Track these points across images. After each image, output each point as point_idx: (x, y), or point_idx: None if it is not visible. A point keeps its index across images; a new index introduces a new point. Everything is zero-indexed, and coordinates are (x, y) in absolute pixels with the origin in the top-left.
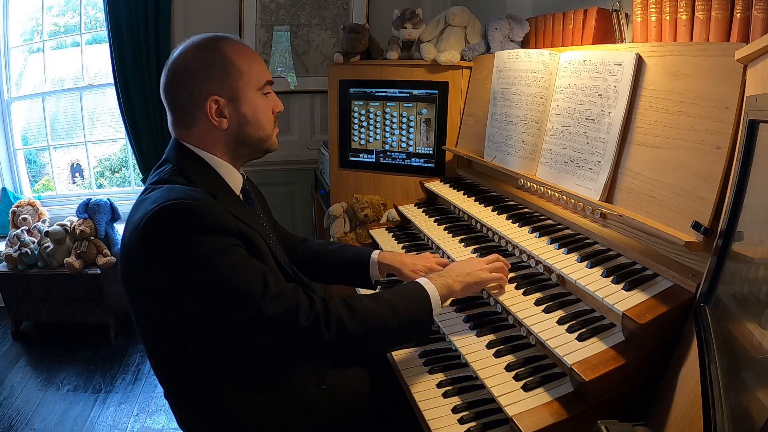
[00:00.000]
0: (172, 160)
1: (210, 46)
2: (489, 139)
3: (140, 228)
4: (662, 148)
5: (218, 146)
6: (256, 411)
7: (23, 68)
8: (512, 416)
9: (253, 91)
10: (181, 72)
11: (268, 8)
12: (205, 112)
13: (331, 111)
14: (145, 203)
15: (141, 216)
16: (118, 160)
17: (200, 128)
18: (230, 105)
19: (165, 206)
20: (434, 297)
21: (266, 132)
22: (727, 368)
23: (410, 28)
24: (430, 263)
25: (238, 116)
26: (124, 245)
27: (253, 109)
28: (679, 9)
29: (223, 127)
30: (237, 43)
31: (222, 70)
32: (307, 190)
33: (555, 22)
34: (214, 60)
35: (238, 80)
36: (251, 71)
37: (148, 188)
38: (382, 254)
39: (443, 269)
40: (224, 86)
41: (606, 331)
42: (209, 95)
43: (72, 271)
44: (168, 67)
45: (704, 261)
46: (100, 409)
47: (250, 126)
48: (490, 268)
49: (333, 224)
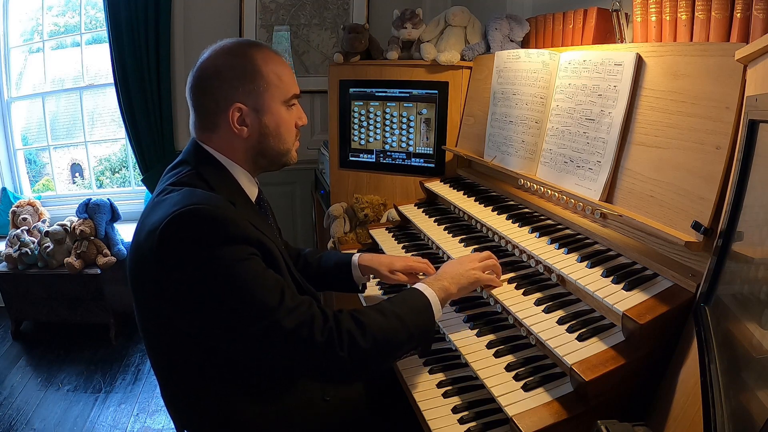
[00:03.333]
0: (191, 162)
1: (241, 53)
2: (489, 139)
3: (159, 231)
4: (662, 148)
5: (238, 153)
6: (258, 418)
7: (23, 68)
8: (512, 416)
9: (278, 103)
10: (209, 76)
11: (268, 8)
12: (228, 119)
13: (331, 111)
14: (164, 205)
15: (160, 218)
16: (118, 160)
17: (221, 134)
18: (253, 114)
19: (186, 211)
20: (435, 304)
21: (286, 145)
22: (727, 368)
23: (410, 28)
24: (408, 261)
25: (260, 126)
26: (137, 245)
27: (276, 121)
28: (679, 9)
29: (244, 135)
30: (269, 52)
31: (250, 80)
32: (307, 190)
33: (555, 22)
34: (243, 68)
35: (265, 91)
36: (279, 83)
37: (165, 189)
38: (361, 256)
39: (437, 272)
40: (250, 96)
41: (606, 331)
42: (234, 102)
43: (72, 271)
44: (196, 68)
45: (704, 261)
46: (100, 409)
47: (271, 138)
48: (482, 267)
49: (333, 224)
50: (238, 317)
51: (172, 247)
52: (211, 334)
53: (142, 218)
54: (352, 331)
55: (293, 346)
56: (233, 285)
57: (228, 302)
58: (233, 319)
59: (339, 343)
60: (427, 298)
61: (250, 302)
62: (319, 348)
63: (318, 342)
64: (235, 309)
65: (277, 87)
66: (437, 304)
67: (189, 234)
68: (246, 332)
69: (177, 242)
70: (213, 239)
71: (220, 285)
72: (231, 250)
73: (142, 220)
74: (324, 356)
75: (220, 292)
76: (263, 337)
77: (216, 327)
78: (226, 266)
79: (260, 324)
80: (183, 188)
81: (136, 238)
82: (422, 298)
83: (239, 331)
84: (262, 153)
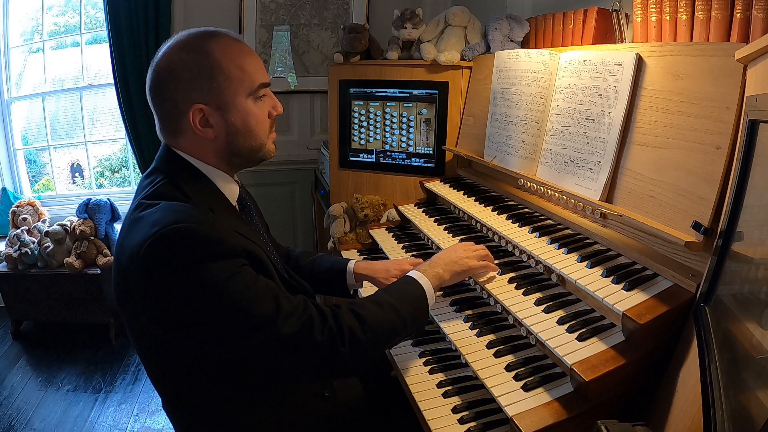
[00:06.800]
0: (164, 170)
1: (195, 48)
2: (489, 139)
3: (141, 256)
4: (662, 148)
5: (209, 155)
6: (259, 421)
7: (23, 68)
8: (512, 416)
9: (242, 97)
10: (164, 77)
11: (268, 8)
12: (189, 121)
13: (331, 111)
14: (143, 224)
15: (141, 241)
16: (118, 160)
17: (187, 137)
18: (217, 113)
19: (167, 232)
20: (428, 290)
21: (259, 141)
22: (727, 368)
23: (410, 28)
24: (404, 265)
25: (226, 125)
26: (119, 268)
27: (243, 117)
28: (679, 9)
29: (210, 137)
30: (228, 40)
31: (208, 77)
32: (307, 190)
33: (555, 22)
34: (200, 65)
35: (226, 87)
36: (242, 75)
37: (141, 204)
38: (357, 264)
39: (430, 259)
40: (210, 94)
41: (606, 331)
42: (193, 104)
43: (72, 271)
44: (152, 68)
45: (704, 261)
46: (100, 409)
47: (240, 135)
48: (476, 256)
49: (333, 224)
50: (236, 332)
51: (156, 271)
52: (208, 349)
53: (120, 238)
54: (353, 326)
55: (295, 350)
56: (227, 302)
57: (224, 319)
58: (231, 333)
59: (340, 340)
60: (422, 286)
61: (247, 316)
62: (320, 348)
63: (319, 342)
64: (232, 324)
65: (239, 80)
66: (431, 292)
67: (173, 256)
68: (245, 344)
69: (162, 266)
70: (199, 259)
71: (214, 304)
72: (219, 267)
73: (121, 240)
74: (326, 355)
75: (215, 310)
76: (265, 347)
77: (213, 343)
78: (216, 285)
79: (259, 335)
80: (159, 203)
81: (117, 259)
82: (417, 286)
83: (238, 344)
84: (234, 152)
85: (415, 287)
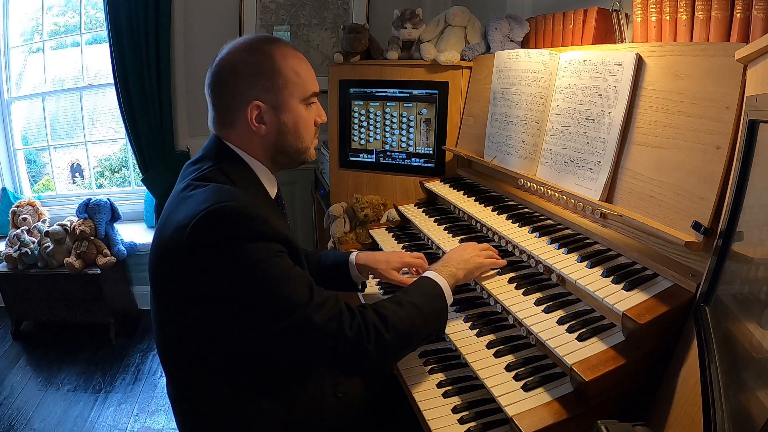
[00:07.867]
0: (213, 158)
1: (259, 50)
2: (489, 139)
3: (188, 229)
4: (662, 148)
5: (257, 150)
6: (264, 416)
7: (23, 68)
8: (512, 416)
9: (296, 101)
10: (227, 73)
11: (268, 8)
12: (246, 116)
13: (331, 111)
14: (191, 201)
15: (189, 215)
16: (118, 160)
17: (239, 130)
18: (271, 112)
19: (216, 209)
20: (446, 290)
21: (304, 144)
22: (727, 368)
23: (410, 28)
24: (404, 257)
25: (278, 124)
26: (161, 240)
27: (294, 119)
28: (679, 9)
29: (262, 133)
30: (288, 48)
31: (268, 77)
32: (307, 190)
33: (555, 22)
34: (261, 65)
35: (284, 89)
36: (297, 80)
37: (190, 184)
38: (358, 255)
39: (441, 259)
40: (268, 93)
41: (606, 331)
42: (252, 100)
43: (72, 271)
44: (214, 65)
45: (704, 261)
46: (100, 409)
47: (290, 135)
48: (485, 255)
49: (333, 224)
50: (268, 313)
51: (202, 244)
52: (235, 329)
53: (166, 213)
54: (377, 325)
55: (323, 341)
56: (264, 282)
57: (259, 299)
58: (263, 315)
59: (367, 337)
60: (439, 285)
61: (281, 298)
62: (349, 342)
63: (348, 336)
64: (266, 305)
65: (295, 84)
66: (448, 290)
67: (220, 232)
68: (274, 328)
69: (208, 240)
70: (243, 237)
71: (251, 282)
72: (261, 247)
73: (167, 215)
74: (353, 350)
75: (252, 288)
76: (294, 333)
77: (243, 323)
78: (256, 263)
79: (290, 319)
80: (209, 184)
81: (161, 233)
82: (435, 286)
83: (267, 326)
84: (280, 150)
85: (432, 286)
